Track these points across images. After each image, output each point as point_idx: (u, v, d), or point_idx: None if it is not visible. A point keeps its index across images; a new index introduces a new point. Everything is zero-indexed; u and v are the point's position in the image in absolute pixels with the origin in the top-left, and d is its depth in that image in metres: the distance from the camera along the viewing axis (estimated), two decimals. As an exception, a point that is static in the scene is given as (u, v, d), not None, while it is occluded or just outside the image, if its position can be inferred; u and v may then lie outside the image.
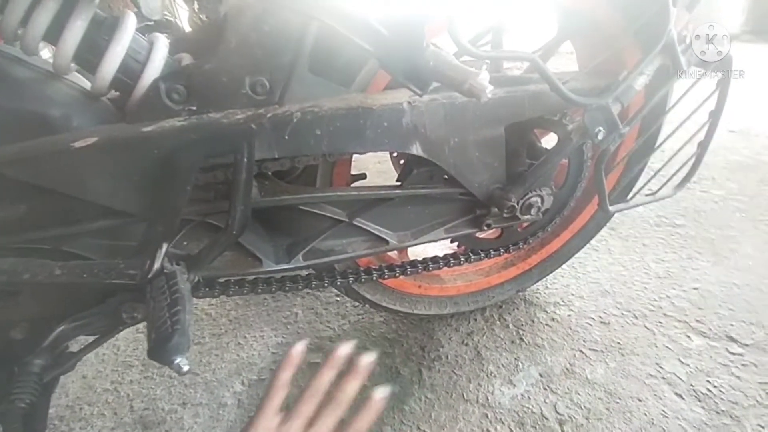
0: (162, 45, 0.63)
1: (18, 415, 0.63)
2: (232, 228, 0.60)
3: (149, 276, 0.56)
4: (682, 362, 0.99)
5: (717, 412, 0.88)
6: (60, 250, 0.62)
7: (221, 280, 0.78)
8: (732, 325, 1.07)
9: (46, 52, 0.77)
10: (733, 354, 0.99)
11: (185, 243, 0.70)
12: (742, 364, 0.96)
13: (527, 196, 0.84)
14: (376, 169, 2.01)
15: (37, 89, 0.57)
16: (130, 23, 0.59)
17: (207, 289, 0.75)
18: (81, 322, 0.60)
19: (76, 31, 0.56)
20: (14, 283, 0.56)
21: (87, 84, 0.61)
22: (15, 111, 0.56)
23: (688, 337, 1.05)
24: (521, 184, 0.82)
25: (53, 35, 0.56)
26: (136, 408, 0.99)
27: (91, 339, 0.69)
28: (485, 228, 0.87)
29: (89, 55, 0.58)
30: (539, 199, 0.86)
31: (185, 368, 0.48)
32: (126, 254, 0.61)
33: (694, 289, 1.19)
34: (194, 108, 0.59)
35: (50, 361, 0.63)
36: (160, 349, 0.48)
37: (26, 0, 0.54)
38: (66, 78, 0.60)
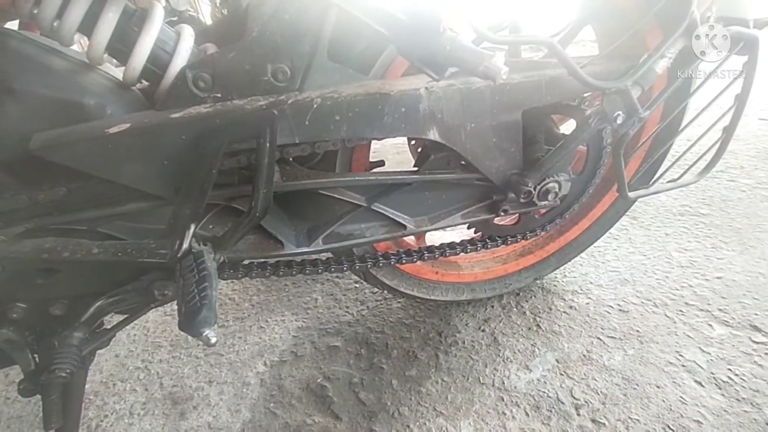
0: (188, 35, 0.66)
1: (58, 386, 0.68)
2: (255, 210, 0.62)
3: (178, 255, 0.59)
4: (703, 350, 0.98)
5: (737, 400, 0.87)
6: (95, 231, 0.66)
7: (245, 262, 0.81)
8: (756, 314, 1.05)
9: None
10: (757, 343, 0.98)
11: (211, 226, 0.73)
12: (765, 353, 0.95)
13: (544, 182, 0.84)
14: (395, 159, 2.03)
15: (73, 79, 0.60)
16: (158, 15, 0.62)
17: (231, 271, 0.79)
18: (116, 299, 0.64)
19: (108, 22, 0.59)
20: (55, 260, 0.60)
21: (119, 74, 0.64)
22: (53, 99, 0.59)
23: (710, 325, 1.04)
24: (538, 170, 0.82)
25: (87, 27, 0.60)
26: (165, 385, 1.04)
27: (123, 318, 0.74)
28: (502, 214, 0.87)
29: (121, 46, 0.61)
30: (557, 185, 0.86)
31: (213, 340, 0.51)
32: (156, 235, 0.64)
33: (718, 278, 1.17)
34: (219, 95, 0.62)
35: (88, 335, 0.67)
36: (190, 322, 0.51)
37: (61, -7, 0.57)
38: (99, 68, 0.63)
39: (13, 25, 0.66)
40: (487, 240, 0.96)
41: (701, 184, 1.57)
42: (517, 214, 0.93)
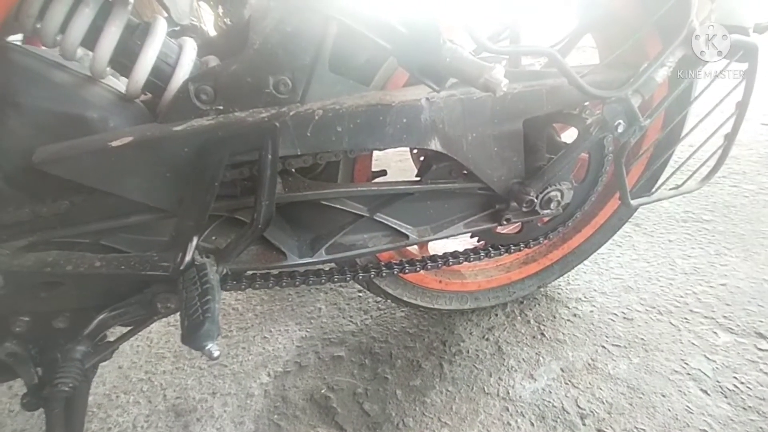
0: (191, 48, 0.66)
1: (61, 399, 0.68)
2: (257, 222, 0.62)
3: (181, 268, 0.59)
4: (708, 358, 0.97)
5: (744, 408, 0.86)
6: (99, 244, 0.66)
7: (248, 273, 0.80)
8: (761, 321, 1.04)
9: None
10: (762, 350, 0.97)
11: (214, 238, 0.73)
12: (772, 361, 0.94)
13: (546, 191, 0.84)
14: (397, 167, 2.03)
15: (76, 92, 0.61)
16: (160, 28, 0.63)
17: (234, 282, 0.78)
18: (119, 312, 0.64)
19: (111, 36, 0.60)
20: (58, 274, 0.60)
21: (122, 87, 0.65)
22: (56, 113, 0.59)
23: (715, 333, 1.03)
24: (540, 179, 0.82)
25: (90, 41, 0.60)
26: (168, 397, 1.04)
27: (126, 331, 0.73)
28: (504, 222, 0.87)
29: (124, 60, 0.62)
30: (559, 194, 0.86)
31: (216, 353, 0.51)
32: (159, 248, 0.64)
33: (722, 285, 1.17)
34: (221, 107, 0.62)
35: (91, 348, 0.67)
36: (193, 336, 0.51)
37: (64, 7, 0.58)
38: (102, 82, 0.64)
39: (17, 39, 0.67)
40: (490, 249, 0.96)
41: (704, 191, 1.57)
42: (520, 223, 0.93)
